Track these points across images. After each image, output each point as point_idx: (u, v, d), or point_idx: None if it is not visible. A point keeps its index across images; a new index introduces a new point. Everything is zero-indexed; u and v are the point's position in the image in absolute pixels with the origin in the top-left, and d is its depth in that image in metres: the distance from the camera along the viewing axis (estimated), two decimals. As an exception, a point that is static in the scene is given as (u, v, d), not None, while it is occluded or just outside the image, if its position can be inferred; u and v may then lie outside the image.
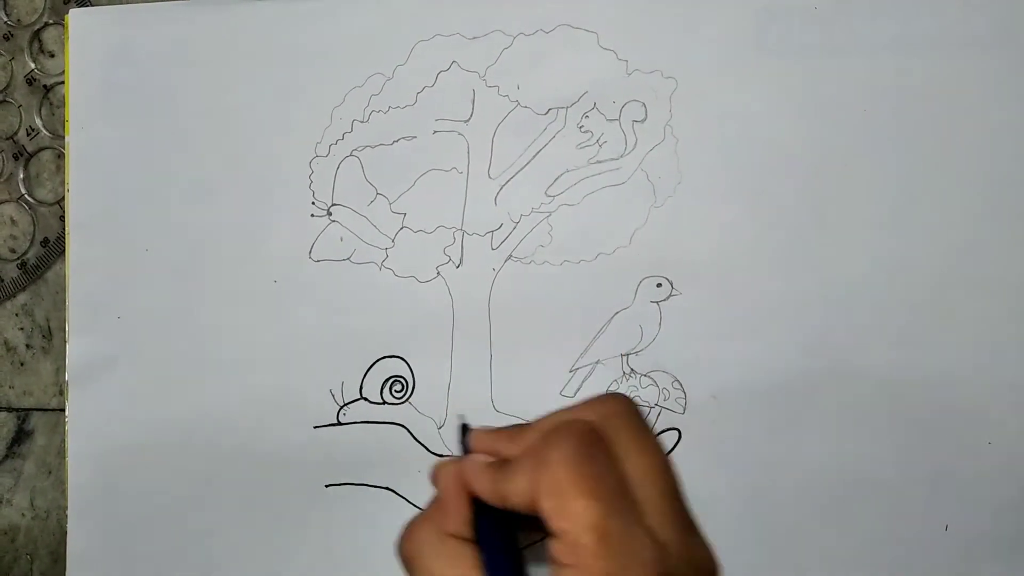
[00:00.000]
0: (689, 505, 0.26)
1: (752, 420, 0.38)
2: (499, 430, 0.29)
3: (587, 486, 0.24)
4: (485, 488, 0.27)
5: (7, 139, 0.44)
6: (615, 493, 0.24)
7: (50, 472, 0.44)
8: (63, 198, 0.43)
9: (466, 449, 0.29)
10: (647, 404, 0.39)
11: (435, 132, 0.40)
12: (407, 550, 0.28)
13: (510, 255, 0.40)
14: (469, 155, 0.40)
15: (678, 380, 0.39)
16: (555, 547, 0.24)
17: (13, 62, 0.44)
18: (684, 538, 0.25)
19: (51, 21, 0.44)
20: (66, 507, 0.41)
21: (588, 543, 0.24)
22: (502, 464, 0.27)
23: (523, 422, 0.28)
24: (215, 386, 0.41)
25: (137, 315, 0.41)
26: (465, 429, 0.30)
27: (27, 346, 0.44)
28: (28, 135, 0.44)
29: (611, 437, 0.26)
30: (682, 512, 0.26)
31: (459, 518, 0.27)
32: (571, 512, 0.24)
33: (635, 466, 0.25)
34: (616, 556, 0.24)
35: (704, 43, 0.39)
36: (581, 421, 0.26)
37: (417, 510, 0.39)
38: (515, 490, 0.26)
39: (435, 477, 0.29)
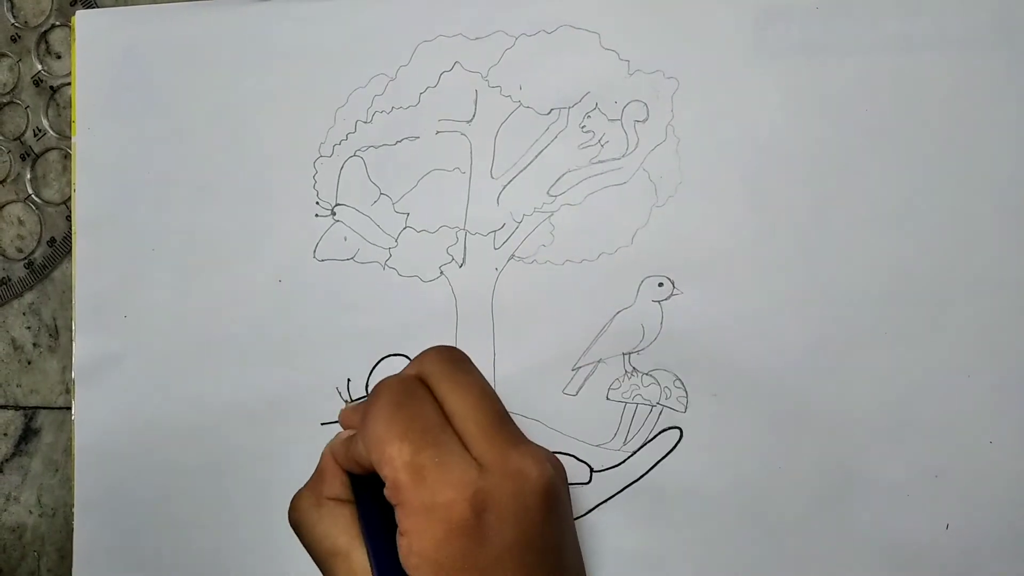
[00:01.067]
0: (514, 425, 0.28)
1: (753, 418, 0.39)
2: (356, 403, 0.32)
3: (398, 431, 0.26)
4: (343, 458, 0.30)
5: (14, 140, 0.44)
6: (428, 431, 0.27)
7: (57, 470, 0.44)
8: (69, 198, 0.43)
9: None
10: (648, 403, 0.39)
11: (438, 132, 0.40)
12: (293, 519, 0.30)
13: (513, 254, 0.40)
14: (472, 155, 0.40)
15: (679, 379, 0.39)
16: (386, 492, 0.27)
17: (20, 63, 0.44)
18: (505, 455, 0.27)
19: (58, 23, 0.44)
20: (73, 504, 0.42)
21: (404, 480, 0.26)
22: (354, 434, 0.29)
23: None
24: (221, 385, 0.41)
25: (143, 314, 0.41)
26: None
27: (34, 345, 0.44)
28: (35, 136, 0.44)
29: (432, 383, 0.28)
30: (502, 433, 0.27)
31: (334, 482, 0.30)
32: (388, 457, 0.26)
33: (453, 403, 0.28)
34: (430, 486, 0.26)
35: (706, 43, 0.39)
36: (398, 376, 0.29)
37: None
38: (359, 456, 0.28)
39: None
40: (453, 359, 0.29)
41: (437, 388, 0.28)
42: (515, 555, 0.26)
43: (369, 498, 0.29)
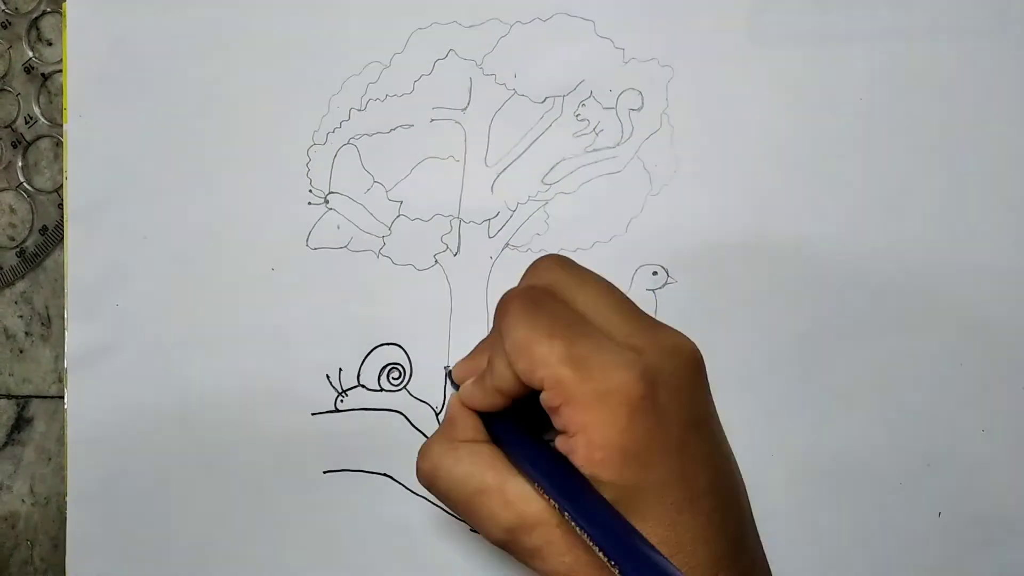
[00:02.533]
0: (644, 312, 0.27)
1: (746, 407, 0.39)
2: (469, 354, 0.31)
3: (543, 330, 0.25)
4: (481, 397, 0.28)
5: (5, 127, 0.44)
6: (573, 326, 0.25)
7: (50, 459, 0.44)
8: (61, 186, 0.43)
9: (455, 386, 0.30)
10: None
11: (432, 120, 0.40)
12: (426, 467, 0.29)
13: (507, 243, 0.40)
14: (466, 143, 0.40)
15: (673, 367, 0.39)
16: (545, 397, 0.25)
17: (11, 50, 0.44)
18: (654, 335, 0.26)
19: (49, 9, 0.44)
20: (66, 494, 0.42)
21: (566, 374, 0.24)
22: (483, 372, 0.28)
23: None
24: (213, 373, 0.41)
25: (135, 303, 0.41)
26: (451, 373, 0.32)
27: (26, 333, 0.44)
28: (26, 123, 0.44)
29: (554, 288, 0.27)
30: (641, 317, 0.27)
31: (466, 425, 0.29)
32: (540, 358, 0.25)
33: (584, 300, 0.27)
34: (596, 374, 0.24)
35: (700, 31, 0.39)
36: (518, 287, 0.28)
37: (414, 496, 0.40)
38: (500, 380, 0.27)
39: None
40: (566, 262, 0.28)
41: (563, 291, 0.27)
42: (692, 431, 0.25)
43: (511, 428, 0.28)
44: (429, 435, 0.40)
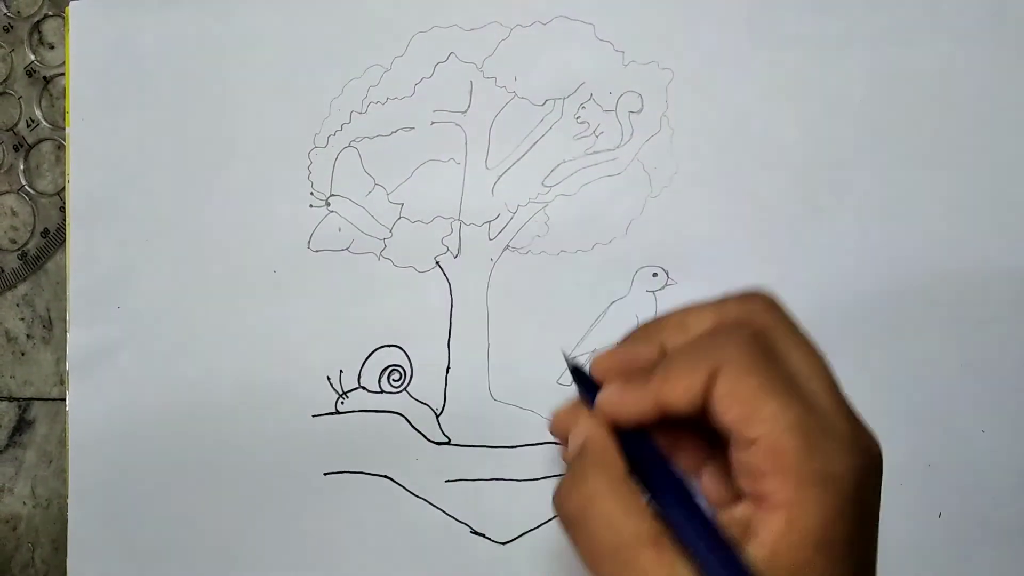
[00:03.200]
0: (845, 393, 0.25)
1: (747, 408, 0.39)
2: (623, 341, 0.27)
3: (776, 388, 0.23)
4: (634, 403, 0.25)
5: (7, 130, 0.44)
6: (799, 393, 0.23)
7: (51, 461, 0.44)
8: (63, 189, 0.43)
9: (587, 384, 0.26)
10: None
11: (433, 123, 0.40)
12: (574, 506, 0.25)
13: (507, 245, 0.40)
14: (466, 146, 0.40)
15: (674, 369, 0.39)
16: (748, 456, 0.23)
17: (13, 54, 0.44)
18: (859, 427, 0.24)
19: (51, 13, 0.44)
20: (67, 496, 0.42)
21: (791, 445, 0.22)
22: (645, 372, 0.25)
23: (645, 323, 0.27)
24: (214, 375, 0.41)
25: (137, 305, 0.41)
26: (576, 369, 0.27)
27: (28, 336, 0.44)
28: (28, 126, 0.44)
29: (771, 336, 0.25)
30: (846, 402, 0.25)
31: (619, 456, 0.25)
32: (765, 417, 0.23)
33: (799, 363, 0.24)
34: (821, 453, 0.23)
35: (700, 34, 0.39)
36: (746, 323, 0.25)
37: (415, 498, 0.40)
38: (677, 393, 0.24)
39: (557, 427, 0.27)
40: (782, 311, 0.26)
41: (780, 343, 0.25)
42: (872, 528, 0.24)
43: (664, 472, 0.25)
44: (429, 436, 0.40)
